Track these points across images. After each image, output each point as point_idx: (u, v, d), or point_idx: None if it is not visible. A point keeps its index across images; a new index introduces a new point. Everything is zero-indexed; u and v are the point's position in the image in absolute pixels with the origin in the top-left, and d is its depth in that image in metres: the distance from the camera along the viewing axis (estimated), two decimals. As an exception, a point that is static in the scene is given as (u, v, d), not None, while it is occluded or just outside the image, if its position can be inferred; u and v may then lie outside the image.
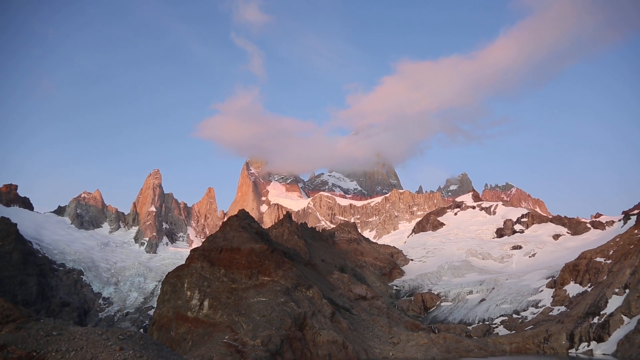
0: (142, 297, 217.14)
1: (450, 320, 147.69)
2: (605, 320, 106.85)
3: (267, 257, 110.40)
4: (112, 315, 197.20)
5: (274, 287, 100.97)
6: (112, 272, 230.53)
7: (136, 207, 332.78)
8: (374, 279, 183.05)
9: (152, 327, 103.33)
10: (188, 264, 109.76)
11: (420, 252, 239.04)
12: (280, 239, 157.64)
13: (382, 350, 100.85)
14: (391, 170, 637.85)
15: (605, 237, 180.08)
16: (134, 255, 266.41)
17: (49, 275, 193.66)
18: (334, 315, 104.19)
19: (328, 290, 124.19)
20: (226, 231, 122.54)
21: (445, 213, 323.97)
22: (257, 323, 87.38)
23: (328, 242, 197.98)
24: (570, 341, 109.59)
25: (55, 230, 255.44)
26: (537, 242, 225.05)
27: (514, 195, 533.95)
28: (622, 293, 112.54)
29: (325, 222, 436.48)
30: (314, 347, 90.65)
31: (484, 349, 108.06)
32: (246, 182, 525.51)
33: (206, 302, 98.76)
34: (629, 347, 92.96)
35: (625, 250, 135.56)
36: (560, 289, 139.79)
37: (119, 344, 31.40)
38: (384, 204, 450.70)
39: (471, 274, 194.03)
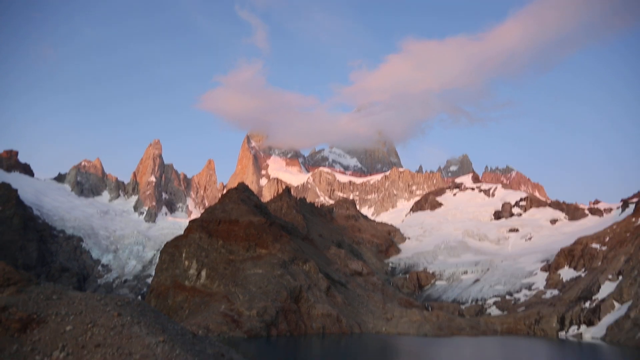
0: (141, 265, 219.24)
1: (443, 299, 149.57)
2: (596, 305, 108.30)
3: (265, 230, 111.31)
4: (111, 282, 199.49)
5: (271, 260, 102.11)
6: (112, 240, 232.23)
7: (136, 176, 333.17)
8: (370, 256, 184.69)
9: (150, 295, 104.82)
10: (186, 235, 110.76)
11: (418, 231, 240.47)
12: (279, 212, 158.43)
13: (376, 326, 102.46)
14: (392, 149, 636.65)
15: (602, 224, 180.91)
16: (133, 224, 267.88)
17: (49, 241, 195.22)
18: (330, 290, 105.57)
19: (324, 264, 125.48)
20: (225, 203, 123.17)
21: (444, 193, 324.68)
22: (253, 294, 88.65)
23: (326, 217, 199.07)
24: (561, 324, 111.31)
25: (55, 197, 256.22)
26: (534, 226, 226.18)
27: (513, 179, 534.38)
28: (615, 279, 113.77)
29: (324, 198, 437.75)
30: (309, 320, 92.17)
31: (476, 328, 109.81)
32: (246, 155, 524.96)
33: (203, 272, 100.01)
34: (618, 332, 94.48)
35: (621, 237, 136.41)
36: (555, 273, 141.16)
37: (117, 310, 31.92)
38: (384, 182, 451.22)
39: (467, 254, 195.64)
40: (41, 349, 25.98)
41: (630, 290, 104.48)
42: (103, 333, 28.43)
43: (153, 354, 27.46)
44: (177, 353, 28.89)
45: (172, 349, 29.22)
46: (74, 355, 26.01)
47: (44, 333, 27.31)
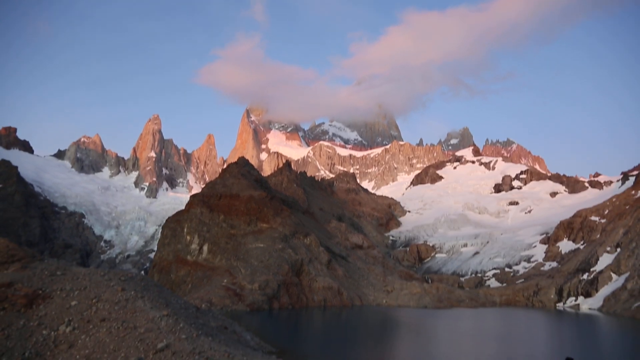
0: (143, 240, 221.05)
1: (443, 272, 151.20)
2: (594, 276, 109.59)
3: (266, 205, 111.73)
4: (114, 258, 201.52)
5: (272, 234, 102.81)
6: (113, 216, 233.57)
7: (136, 152, 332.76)
8: (371, 229, 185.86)
9: (153, 270, 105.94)
10: (188, 210, 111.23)
11: (418, 205, 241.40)
12: (279, 187, 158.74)
13: (376, 298, 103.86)
14: (392, 122, 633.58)
15: (602, 197, 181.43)
16: (134, 199, 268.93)
17: (51, 218, 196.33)
18: (330, 263, 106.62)
19: (325, 238, 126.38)
20: (226, 178, 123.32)
21: (444, 167, 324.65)
22: (255, 268, 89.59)
23: (327, 191, 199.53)
24: (559, 295, 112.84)
25: (55, 173, 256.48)
26: (534, 199, 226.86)
27: (514, 152, 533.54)
28: (613, 251, 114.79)
29: (325, 172, 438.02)
30: (310, 293, 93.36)
31: (475, 299, 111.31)
32: (246, 129, 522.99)
33: (205, 247, 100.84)
34: (615, 303, 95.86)
35: (620, 210, 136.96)
36: (553, 245, 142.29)
37: (121, 285, 32.35)
38: (384, 155, 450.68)
39: (467, 227, 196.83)
40: (48, 324, 26.44)
41: (627, 262, 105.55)
42: (108, 308, 28.87)
43: (157, 327, 27.94)
44: (181, 326, 29.39)
45: (176, 323, 29.72)
46: (80, 329, 26.48)
47: (50, 308, 27.74)
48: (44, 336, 25.56)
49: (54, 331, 26.05)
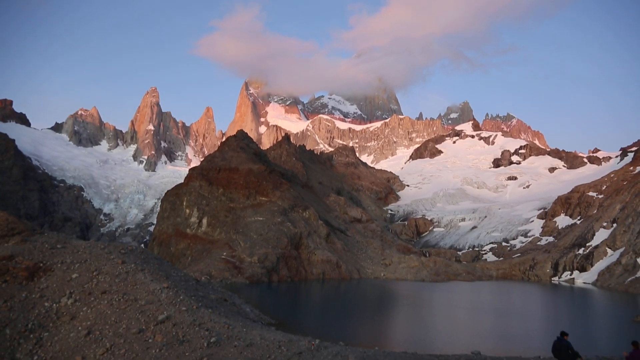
0: (142, 213, 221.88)
1: (441, 245, 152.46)
2: (590, 251, 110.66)
3: (265, 178, 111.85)
4: (114, 231, 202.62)
5: (271, 207, 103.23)
6: (112, 189, 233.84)
7: (134, 125, 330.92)
8: (370, 203, 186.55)
9: (153, 243, 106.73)
10: (187, 183, 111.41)
11: (417, 179, 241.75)
12: (279, 160, 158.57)
13: (374, 271, 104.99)
14: (392, 96, 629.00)
15: (600, 172, 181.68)
16: (133, 173, 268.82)
17: (49, 191, 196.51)
18: (329, 236, 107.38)
19: (324, 212, 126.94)
20: (225, 151, 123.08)
21: (443, 141, 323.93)
22: (254, 241, 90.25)
23: (326, 165, 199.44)
24: (555, 270, 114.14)
25: (53, 146, 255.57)
26: (532, 174, 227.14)
27: (514, 126, 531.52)
28: (609, 227, 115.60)
29: (324, 145, 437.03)
30: (309, 266, 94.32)
31: (472, 273, 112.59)
32: (245, 102, 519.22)
33: (205, 220, 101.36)
34: (609, 277, 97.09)
35: (618, 186, 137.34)
36: (551, 220, 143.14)
37: (121, 258, 32.61)
38: (383, 129, 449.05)
39: (465, 202, 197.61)
40: (49, 296, 26.75)
41: (623, 238, 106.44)
42: (108, 280, 29.17)
43: (158, 299, 28.28)
44: (181, 299, 29.76)
45: (176, 295, 30.08)
46: (82, 301, 26.80)
47: (51, 281, 28.02)
48: (46, 308, 25.89)
49: (56, 303, 26.37)
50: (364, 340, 35.52)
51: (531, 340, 39.87)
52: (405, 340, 37.62)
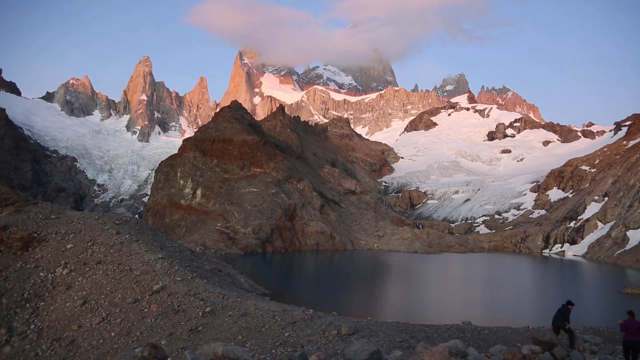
0: (136, 184, 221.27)
1: (434, 218, 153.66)
2: (581, 224, 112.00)
3: (259, 149, 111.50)
4: (108, 202, 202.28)
5: (265, 179, 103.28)
6: (106, 160, 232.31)
7: (127, 95, 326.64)
8: (364, 175, 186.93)
9: (147, 214, 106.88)
10: (181, 154, 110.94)
11: (411, 151, 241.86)
12: (273, 131, 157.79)
13: (368, 242, 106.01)
14: (388, 67, 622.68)
15: (594, 146, 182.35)
16: (126, 143, 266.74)
17: (42, 162, 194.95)
18: (323, 208, 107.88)
19: (318, 183, 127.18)
20: (219, 122, 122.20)
21: (439, 113, 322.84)
22: (249, 212, 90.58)
23: (320, 136, 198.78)
24: (546, 242, 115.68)
25: (45, 116, 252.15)
26: (526, 147, 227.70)
27: (509, 99, 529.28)
28: (601, 200, 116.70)
29: (319, 116, 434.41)
30: (303, 237, 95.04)
31: (464, 245, 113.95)
32: (239, 72, 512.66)
33: (199, 191, 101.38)
34: (598, 250, 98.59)
35: (611, 160, 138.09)
36: (543, 193, 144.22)
37: (115, 229, 32.66)
38: (379, 100, 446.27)
39: (459, 174, 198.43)
40: (44, 266, 26.84)
41: (614, 211, 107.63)
42: (103, 251, 29.27)
43: (152, 270, 28.47)
44: (175, 269, 29.98)
45: (171, 265, 30.29)
46: (77, 271, 26.94)
47: (46, 251, 28.08)
48: (42, 278, 26.02)
49: (51, 273, 26.49)
50: (356, 311, 36.07)
51: (521, 310, 40.66)
52: (398, 311, 38.26)
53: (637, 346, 14.92)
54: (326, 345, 20.04)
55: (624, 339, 15.30)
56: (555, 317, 17.16)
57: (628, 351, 15.20)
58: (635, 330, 15.05)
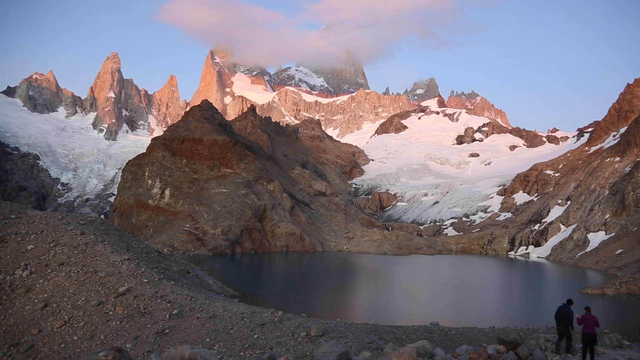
0: (102, 184, 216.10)
1: (404, 220, 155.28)
2: (545, 227, 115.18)
3: (230, 149, 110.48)
4: (72, 201, 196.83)
5: (235, 179, 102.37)
6: (70, 158, 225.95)
7: (94, 92, 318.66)
8: (334, 176, 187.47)
9: (113, 214, 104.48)
10: (149, 153, 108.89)
11: (381, 153, 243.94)
12: (244, 131, 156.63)
13: (338, 244, 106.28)
14: (359, 69, 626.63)
15: (558, 152, 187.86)
16: (92, 141, 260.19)
17: (2, 159, 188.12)
18: (293, 209, 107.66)
19: (289, 184, 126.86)
20: (188, 121, 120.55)
21: (409, 116, 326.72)
22: (218, 213, 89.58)
23: (291, 137, 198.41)
24: (511, 244, 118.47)
25: (5, 112, 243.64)
26: (494, 152, 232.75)
27: (478, 104, 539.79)
28: (564, 204, 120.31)
29: (290, 118, 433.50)
30: (273, 238, 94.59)
31: (433, 247, 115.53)
32: (210, 71, 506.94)
33: (167, 191, 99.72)
34: (561, 252, 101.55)
35: (573, 165, 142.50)
36: (510, 196, 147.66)
37: (80, 229, 31.72)
38: (350, 103, 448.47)
39: (428, 177, 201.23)
40: (2, 268, 25.84)
41: (576, 215, 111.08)
42: (66, 252, 28.38)
43: (118, 271, 27.78)
44: (142, 271, 29.33)
45: (138, 267, 29.62)
46: (38, 273, 26.04)
47: (5, 252, 27.04)
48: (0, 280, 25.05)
49: (10, 275, 25.52)
50: (326, 312, 36.08)
51: (487, 311, 41.43)
52: (367, 312, 38.44)
53: (594, 337, 15.97)
54: (295, 347, 19.94)
55: (583, 332, 16.34)
56: (558, 320, 17.59)
57: (586, 343, 16.15)
58: (592, 324, 16.17)
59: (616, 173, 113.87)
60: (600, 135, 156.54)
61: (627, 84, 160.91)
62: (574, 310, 17.64)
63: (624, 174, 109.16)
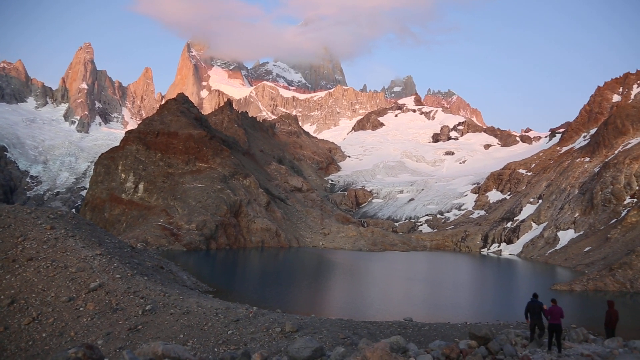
0: (74, 177, 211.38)
1: (379, 216, 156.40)
2: (517, 225, 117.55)
3: (205, 144, 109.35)
4: (42, 195, 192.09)
5: (211, 174, 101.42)
6: (40, 150, 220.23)
7: (65, 82, 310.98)
8: (311, 172, 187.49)
9: (85, 208, 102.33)
10: (123, 146, 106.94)
11: (358, 150, 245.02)
12: (220, 126, 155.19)
13: (313, 240, 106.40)
14: (337, 66, 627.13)
15: (530, 151, 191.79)
16: (64, 133, 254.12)
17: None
18: (269, 205, 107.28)
19: (265, 180, 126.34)
20: (164, 114, 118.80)
21: (386, 114, 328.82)
22: (193, 208, 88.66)
23: (268, 132, 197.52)
24: (484, 242, 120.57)
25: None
26: (469, 150, 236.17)
27: (454, 103, 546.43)
28: (535, 203, 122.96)
29: (267, 113, 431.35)
30: (248, 234, 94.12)
31: (407, 243, 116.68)
32: (186, 64, 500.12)
33: (141, 185, 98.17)
34: (532, 249, 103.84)
35: (545, 164, 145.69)
36: (483, 194, 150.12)
37: (49, 223, 30.93)
38: (327, 99, 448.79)
39: (404, 174, 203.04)
40: (-32, 262, 25.08)
41: (547, 213, 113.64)
42: (35, 247, 27.70)
43: (90, 267, 27.25)
44: (115, 266, 28.83)
45: (110, 262, 29.09)
46: (5, 269, 25.34)
47: (-30, 246, 26.25)
48: (-35, 275, 24.30)
49: (-24, 270, 24.79)
50: (301, 308, 36.11)
51: (459, 307, 42.08)
52: (341, 308, 38.61)
53: (559, 328, 16.79)
54: (270, 343, 19.91)
55: (549, 323, 17.11)
56: (533, 313, 18.32)
57: (552, 333, 16.95)
58: (558, 315, 16.99)
59: (586, 173, 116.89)
60: (571, 136, 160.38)
61: (597, 87, 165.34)
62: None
63: (593, 174, 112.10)
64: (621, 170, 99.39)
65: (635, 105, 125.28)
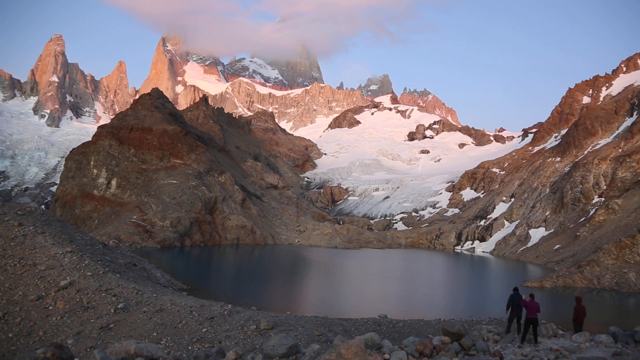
0: (43, 172, 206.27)
1: (355, 214, 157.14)
2: (490, 223, 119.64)
3: (180, 140, 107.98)
4: (9, 190, 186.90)
5: (185, 170, 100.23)
6: (8, 145, 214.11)
7: (35, 75, 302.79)
8: (287, 170, 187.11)
9: (55, 204, 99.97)
10: (95, 141, 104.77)
11: (334, 148, 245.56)
12: (195, 122, 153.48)
13: (289, 237, 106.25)
14: (314, 63, 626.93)
15: (504, 150, 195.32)
16: (33, 127, 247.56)
17: None
18: (245, 202, 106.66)
19: (240, 177, 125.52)
20: (138, 109, 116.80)
21: (362, 112, 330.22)
22: (167, 205, 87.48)
23: (244, 129, 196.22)
24: (458, 239, 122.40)
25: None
26: (443, 149, 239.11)
27: (429, 102, 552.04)
28: (508, 201, 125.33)
29: (243, 109, 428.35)
30: (223, 231, 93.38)
31: (382, 241, 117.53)
32: (161, 59, 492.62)
33: (114, 181, 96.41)
34: (504, 247, 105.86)
35: (518, 163, 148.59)
36: (457, 193, 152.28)
37: (17, 220, 30.09)
38: (304, 96, 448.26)
39: (379, 172, 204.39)
40: None
41: (519, 211, 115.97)
42: (2, 244, 26.91)
43: (60, 264, 26.63)
44: (86, 263, 28.23)
45: (81, 259, 28.48)
46: (-30, 265, 24.57)
47: None
48: None
49: (-61, 267, 23.97)
50: (276, 306, 36.01)
51: (433, 304, 42.62)
52: (316, 305, 38.65)
53: (536, 322, 17.50)
54: (244, 340, 19.79)
55: (526, 317, 17.78)
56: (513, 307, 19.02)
57: (528, 327, 17.62)
58: (534, 309, 17.65)
59: (557, 172, 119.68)
60: (543, 136, 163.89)
61: (568, 88, 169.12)
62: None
63: (563, 174, 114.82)
64: (590, 170, 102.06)
65: (604, 107, 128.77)
